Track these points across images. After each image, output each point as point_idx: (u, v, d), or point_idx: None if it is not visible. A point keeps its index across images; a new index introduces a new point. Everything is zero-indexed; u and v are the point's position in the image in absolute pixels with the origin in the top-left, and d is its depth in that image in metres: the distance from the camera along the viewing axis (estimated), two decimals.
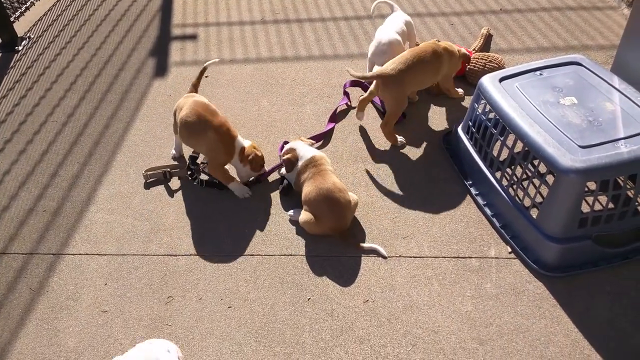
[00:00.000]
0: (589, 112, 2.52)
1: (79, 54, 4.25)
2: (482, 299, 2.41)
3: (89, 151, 3.36)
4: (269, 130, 3.38)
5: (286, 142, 3.08)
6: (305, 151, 2.84)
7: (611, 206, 2.48)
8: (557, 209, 2.39)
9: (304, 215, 2.68)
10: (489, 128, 2.72)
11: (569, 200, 2.34)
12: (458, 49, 3.24)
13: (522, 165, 2.62)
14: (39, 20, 4.69)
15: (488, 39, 3.88)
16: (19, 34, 4.45)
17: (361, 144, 3.22)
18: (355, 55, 3.93)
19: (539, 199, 2.50)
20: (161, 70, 4.01)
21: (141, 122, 3.55)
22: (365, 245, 2.64)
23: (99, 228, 2.88)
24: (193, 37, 4.34)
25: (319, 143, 3.21)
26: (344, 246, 2.65)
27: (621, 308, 2.32)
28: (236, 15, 4.55)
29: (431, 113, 3.38)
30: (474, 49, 3.74)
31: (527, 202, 2.56)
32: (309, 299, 2.47)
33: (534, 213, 2.51)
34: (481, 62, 3.51)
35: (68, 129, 3.55)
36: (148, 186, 3.10)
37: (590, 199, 2.50)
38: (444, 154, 3.10)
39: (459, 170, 2.96)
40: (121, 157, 3.30)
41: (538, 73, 2.77)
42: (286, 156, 2.84)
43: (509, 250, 2.58)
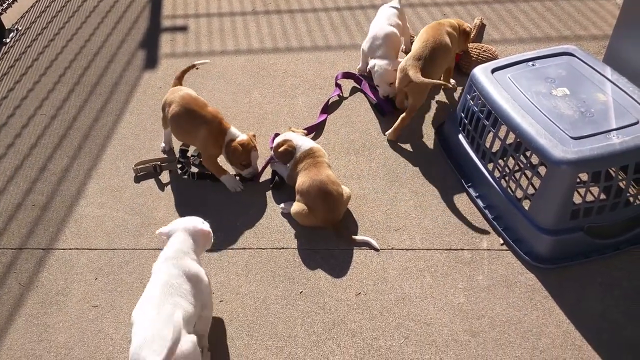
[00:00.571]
0: (581, 103, 2.51)
1: (68, 46, 4.19)
2: (474, 291, 2.40)
3: (79, 145, 3.33)
4: (261, 123, 3.35)
5: (277, 134, 3.06)
6: (302, 142, 2.82)
7: (603, 197, 2.48)
8: (549, 200, 2.38)
9: (296, 206, 2.67)
10: (481, 119, 2.70)
11: (561, 191, 2.33)
12: (460, 24, 3.25)
13: (514, 157, 2.61)
14: (26, 11, 4.62)
15: (481, 29, 3.85)
16: (7, 25, 4.38)
17: (353, 136, 3.20)
18: (347, 47, 3.90)
19: (531, 191, 2.50)
20: (151, 62, 3.96)
21: (131, 115, 3.51)
22: (357, 237, 2.63)
23: (89, 222, 2.86)
24: (183, 28, 4.29)
25: (311, 135, 3.19)
26: (336, 239, 2.64)
27: (613, 299, 2.33)
28: (227, 6, 4.50)
29: (424, 105, 3.35)
30: None
31: (519, 194, 2.55)
32: (301, 292, 2.46)
33: (526, 205, 2.51)
34: (475, 52, 3.49)
35: (57, 122, 3.51)
36: (138, 180, 3.07)
37: (582, 190, 2.50)
38: (436, 146, 3.09)
39: (451, 162, 2.95)
40: (111, 151, 3.26)
41: (530, 64, 2.75)
42: (282, 147, 2.81)
43: (501, 242, 2.58)
